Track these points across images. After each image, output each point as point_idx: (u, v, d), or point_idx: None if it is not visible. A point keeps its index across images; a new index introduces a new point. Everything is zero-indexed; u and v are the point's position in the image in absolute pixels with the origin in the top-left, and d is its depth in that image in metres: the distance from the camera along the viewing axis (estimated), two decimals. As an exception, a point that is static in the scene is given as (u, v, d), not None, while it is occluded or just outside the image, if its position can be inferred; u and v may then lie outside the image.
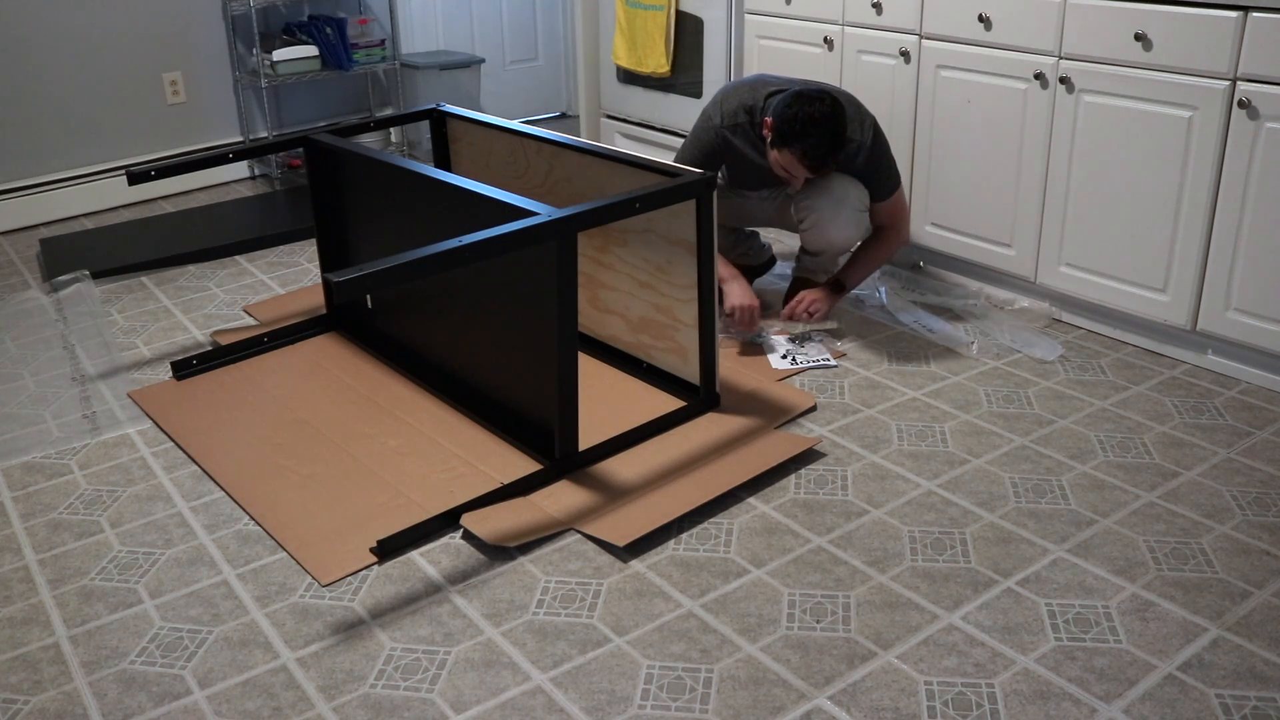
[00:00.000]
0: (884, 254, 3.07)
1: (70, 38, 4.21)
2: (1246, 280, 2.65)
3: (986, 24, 3.00)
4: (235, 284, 3.58)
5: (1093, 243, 2.92)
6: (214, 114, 4.62)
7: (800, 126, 2.71)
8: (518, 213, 2.31)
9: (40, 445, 2.65)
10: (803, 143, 2.72)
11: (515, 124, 3.01)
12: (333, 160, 3.04)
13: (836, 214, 2.94)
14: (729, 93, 2.95)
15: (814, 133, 2.71)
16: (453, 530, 2.26)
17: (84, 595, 2.11)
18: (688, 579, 2.09)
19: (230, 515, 2.34)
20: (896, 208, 3.03)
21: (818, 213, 2.96)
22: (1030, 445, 2.51)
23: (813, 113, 2.70)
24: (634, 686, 1.83)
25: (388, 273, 1.97)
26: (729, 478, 2.37)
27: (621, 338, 2.88)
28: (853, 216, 2.95)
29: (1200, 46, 2.59)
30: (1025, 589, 2.04)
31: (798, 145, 2.73)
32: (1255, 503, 2.28)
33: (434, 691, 1.84)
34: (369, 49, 4.74)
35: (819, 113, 2.71)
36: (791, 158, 2.76)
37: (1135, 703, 1.76)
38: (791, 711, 1.77)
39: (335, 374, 2.90)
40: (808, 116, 2.70)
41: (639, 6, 4.08)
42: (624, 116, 4.41)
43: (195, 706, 1.82)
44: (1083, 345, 2.98)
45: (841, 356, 2.94)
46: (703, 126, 2.95)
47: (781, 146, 2.76)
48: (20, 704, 1.84)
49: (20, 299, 3.53)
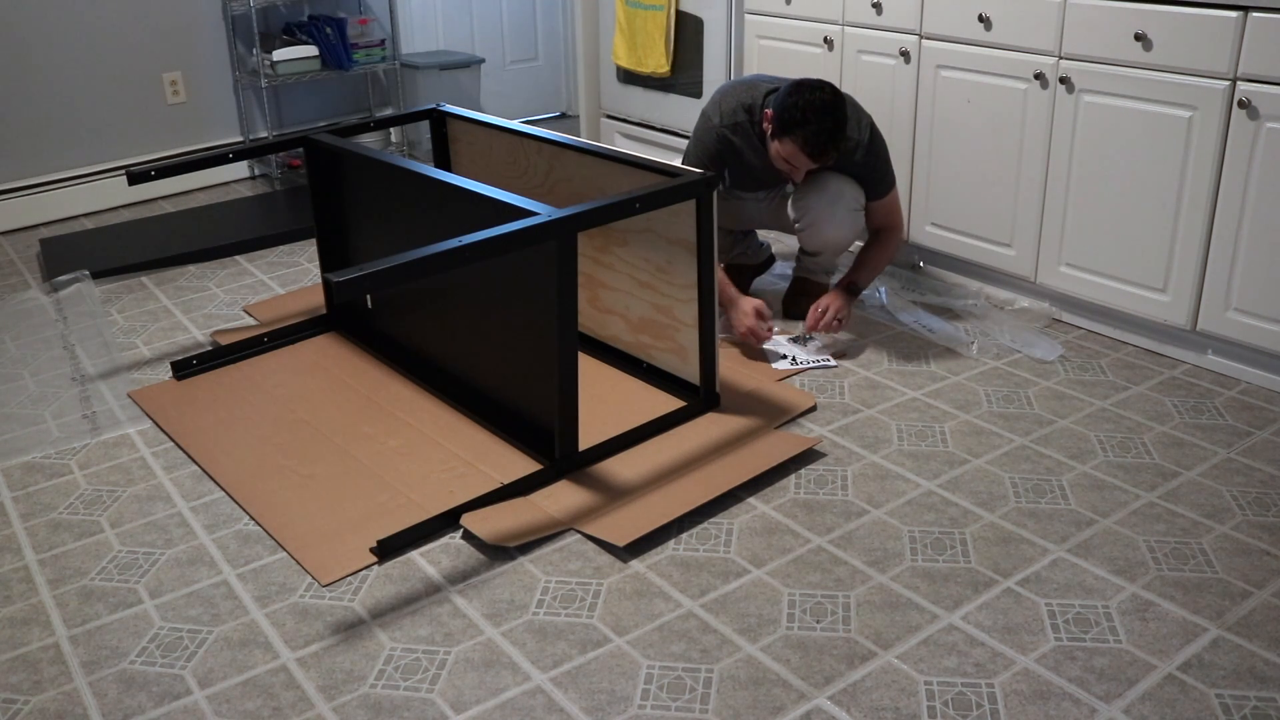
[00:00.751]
0: (887, 254, 3.06)
1: (70, 38, 4.21)
2: (1246, 280, 2.64)
3: (986, 24, 3.00)
4: (235, 284, 3.58)
5: (1093, 243, 2.92)
6: (214, 114, 4.62)
7: (801, 114, 2.70)
8: (518, 213, 2.31)
9: (40, 445, 2.65)
10: (804, 129, 2.71)
11: (515, 124, 3.01)
12: (333, 160, 3.04)
13: (832, 212, 2.94)
14: (726, 92, 2.95)
15: (815, 120, 2.70)
16: (453, 530, 2.26)
17: (84, 595, 2.11)
18: (688, 579, 2.09)
19: (230, 515, 2.34)
20: (893, 207, 3.03)
21: (813, 212, 2.96)
22: (1030, 445, 2.51)
23: (814, 100, 2.70)
24: (634, 686, 1.83)
25: (388, 273, 1.97)
26: (729, 478, 2.37)
27: (621, 338, 2.88)
28: (848, 215, 2.95)
29: (1200, 46, 2.59)
30: (1025, 589, 2.04)
31: (799, 132, 2.72)
32: (1255, 503, 2.28)
33: (434, 691, 1.84)
34: (369, 49, 4.74)
35: (820, 101, 2.70)
36: (793, 147, 2.74)
37: (1135, 703, 1.76)
38: (791, 711, 1.77)
39: (335, 374, 2.90)
40: (809, 104, 2.70)
41: (639, 6, 4.08)
42: (624, 116, 4.41)
43: (195, 706, 1.82)
44: (1083, 345, 2.98)
45: (842, 357, 2.94)
46: (703, 128, 2.95)
47: (783, 136, 2.75)
48: (20, 704, 1.84)
49: (20, 299, 3.53)
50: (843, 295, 2.97)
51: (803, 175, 2.85)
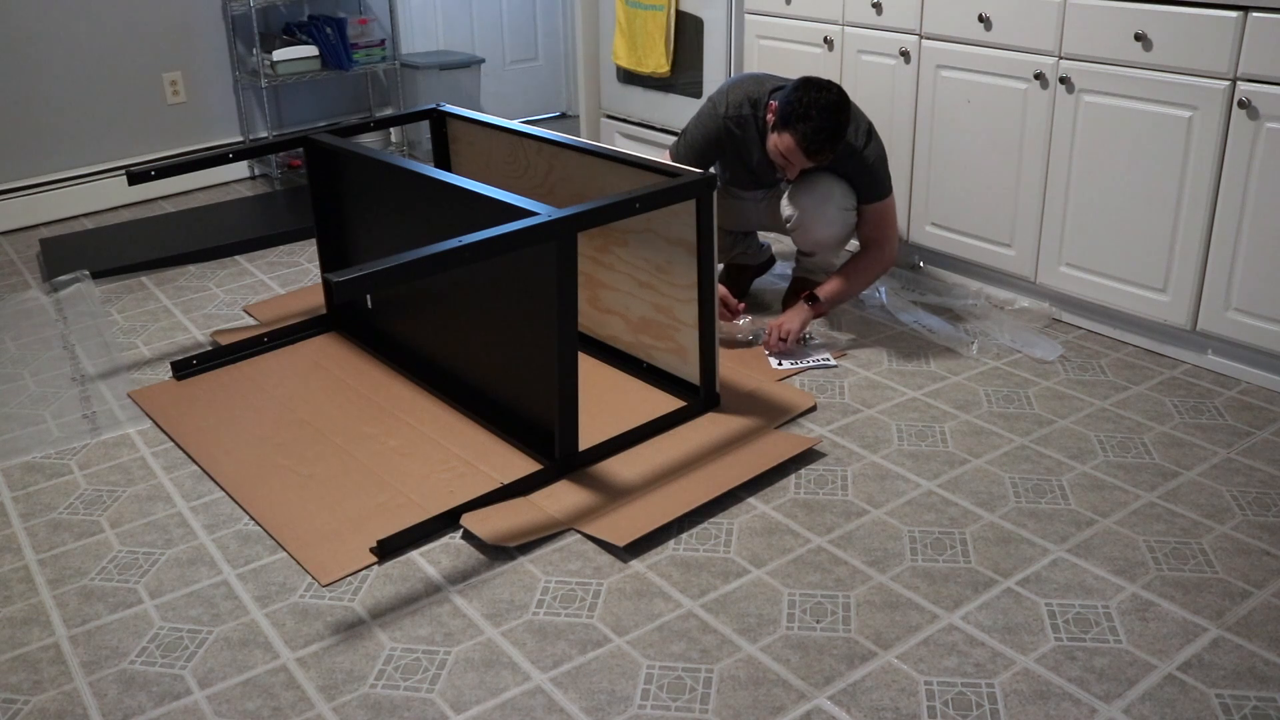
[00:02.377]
0: (866, 273, 2.99)
1: (70, 38, 4.21)
2: (1246, 280, 2.64)
3: (986, 24, 3.00)
4: (235, 284, 3.58)
5: (1093, 243, 2.92)
6: (214, 114, 4.62)
7: (805, 110, 2.69)
8: (518, 213, 2.31)
9: (40, 445, 2.65)
10: (805, 125, 2.70)
11: (515, 124, 3.01)
12: (333, 160, 3.04)
13: (822, 211, 2.94)
14: (734, 85, 2.96)
15: (818, 117, 2.69)
16: (453, 530, 2.26)
17: (84, 595, 2.11)
18: (688, 579, 2.09)
19: (230, 515, 2.34)
20: (884, 217, 2.98)
21: (803, 212, 2.96)
22: (1030, 445, 2.51)
23: (820, 99, 2.70)
24: (634, 686, 1.83)
25: (388, 273, 1.97)
26: (729, 478, 2.37)
27: (621, 338, 2.88)
28: (838, 215, 2.94)
29: (1200, 46, 2.59)
30: (1025, 589, 2.03)
31: (800, 127, 2.71)
32: (1255, 503, 2.28)
33: (434, 691, 1.84)
34: (369, 49, 4.74)
35: (825, 100, 2.70)
36: (791, 142, 2.73)
37: (1135, 703, 1.76)
38: (791, 711, 1.77)
39: (335, 374, 2.90)
40: (814, 101, 2.69)
41: (639, 6, 4.08)
42: (624, 116, 4.41)
43: (195, 706, 1.82)
44: (1083, 345, 2.98)
45: (842, 357, 2.94)
46: (708, 113, 2.95)
47: (783, 129, 2.74)
48: (20, 704, 1.84)
49: (20, 299, 3.53)
50: (803, 310, 2.94)
51: (796, 173, 2.85)
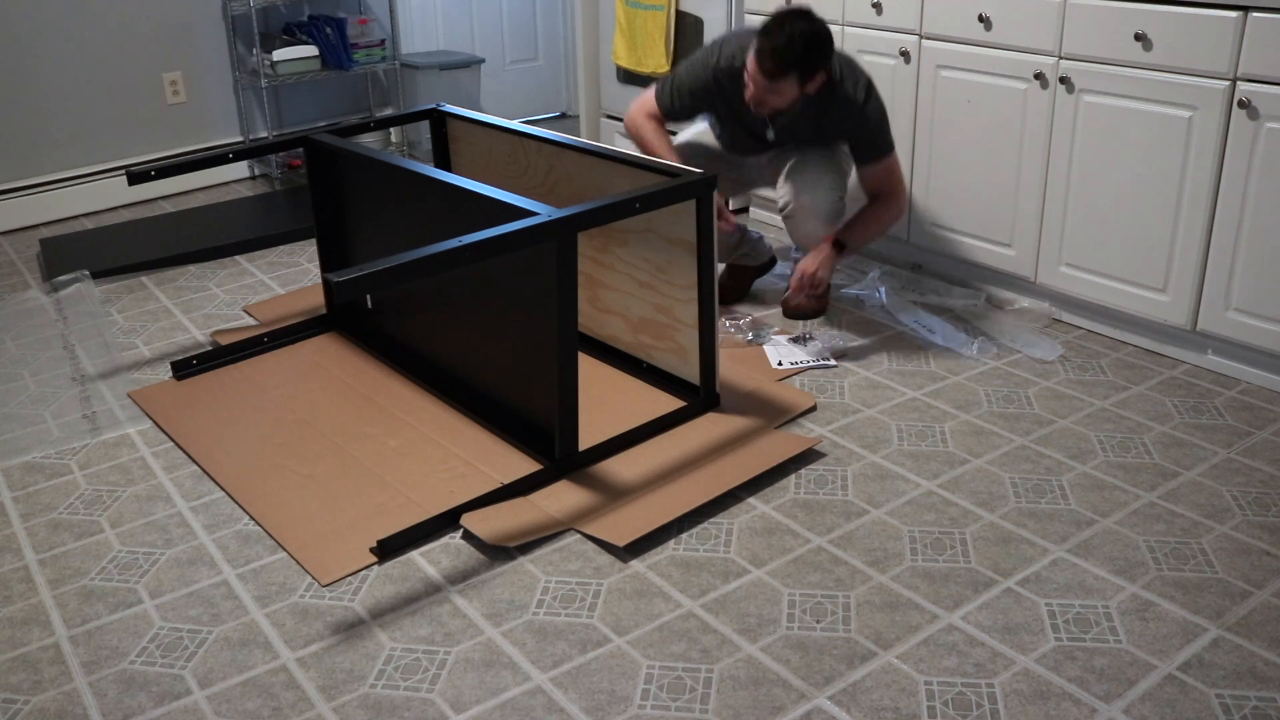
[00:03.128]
0: (881, 217, 2.98)
1: (70, 38, 4.21)
2: (1246, 280, 2.65)
3: (986, 24, 3.00)
4: (235, 284, 3.58)
5: (1093, 243, 2.92)
6: (214, 114, 4.62)
7: (773, 25, 2.65)
8: (518, 213, 2.31)
9: (40, 445, 2.65)
10: (766, 40, 2.64)
11: (515, 124, 3.01)
12: (333, 160, 3.04)
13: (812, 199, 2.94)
14: (730, 37, 2.94)
15: (780, 36, 2.63)
16: (453, 530, 2.26)
17: (84, 595, 2.11)
18: (688, 579, 2.09)
19: (230, 515, 2.34)
20: (886, 175, 2.95)
21: (793, 203, 2.96)
22: (1030, 445, 2.51)
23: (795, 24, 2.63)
24: (634, 686, 1.83)
25: (388, 273, 1.97)
26: (729, 478, 2.37)
27: (621, 338, 2.88)
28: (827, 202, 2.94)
29: (1200, 46, 2.59)
30: (1025, 589, 2.03)
31: (761, 41, 2.65)
32: (1255, 503, 2.28)
33: (434, 691, 1.84)
34: (369, 49, 4.74)
35: (800, 28, 2.64)
36: (752, 59, 2.68)
37: (1135, 703, 1.76)
38: (791, 711, 1.77)
39: (335, 374, 2.90)
40: (785, 20, 2.64)
41: (639, 6, 4.08)
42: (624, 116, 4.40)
43: (195, 706, 1.82)
44: (1083, 345, 2.98)
45: (842, 356, 2.94)
46: (700, 62, 2.93)
47: (751, 45, 2.70)
48: (20, 704, 1.84)
49: (20, 299, 3.53)
50: (827, 251, 2.93)
51: (763, 102, 2.76)
